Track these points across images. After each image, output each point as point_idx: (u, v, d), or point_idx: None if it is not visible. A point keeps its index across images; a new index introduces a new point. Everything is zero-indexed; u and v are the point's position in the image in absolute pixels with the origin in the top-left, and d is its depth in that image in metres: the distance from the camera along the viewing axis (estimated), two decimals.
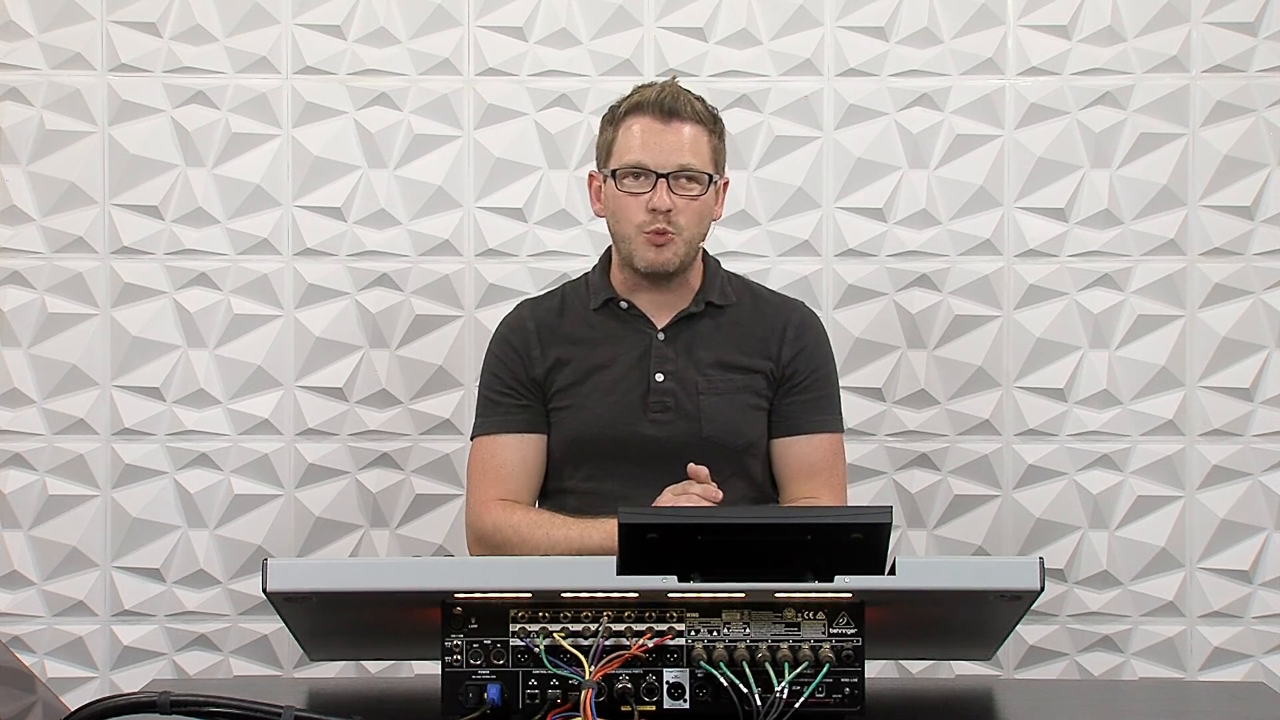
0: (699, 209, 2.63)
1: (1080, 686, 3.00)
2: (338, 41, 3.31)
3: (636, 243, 2.62)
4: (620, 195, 2.62)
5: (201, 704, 1.65)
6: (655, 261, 2.62)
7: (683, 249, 2.63)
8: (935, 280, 3.31)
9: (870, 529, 1.78)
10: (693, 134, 2.62)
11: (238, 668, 3.30)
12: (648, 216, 2.60)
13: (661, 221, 2.59)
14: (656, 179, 2.59)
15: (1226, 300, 3.29)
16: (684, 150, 2.60)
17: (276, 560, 1.80)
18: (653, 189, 2.59)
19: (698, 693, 1.81)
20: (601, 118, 2.72)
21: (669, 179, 2.59)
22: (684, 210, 2.60)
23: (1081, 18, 3.30)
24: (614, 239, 2.69)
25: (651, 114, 2.61)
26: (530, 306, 2.78)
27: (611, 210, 2.66)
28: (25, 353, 3.28)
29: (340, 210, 3.30)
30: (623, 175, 2.61)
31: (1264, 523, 3.30)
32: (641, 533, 1.78)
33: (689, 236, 2.63)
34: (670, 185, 2.59)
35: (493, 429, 2.70)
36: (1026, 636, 3.30)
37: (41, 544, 3.28)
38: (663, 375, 2.66)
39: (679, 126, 2.61)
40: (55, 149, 3.28)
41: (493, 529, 2.64)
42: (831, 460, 2.71)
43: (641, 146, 2.61)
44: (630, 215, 2.61)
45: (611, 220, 2.67)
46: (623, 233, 2.64)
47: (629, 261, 2.65)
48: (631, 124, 2.63)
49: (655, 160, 2.59)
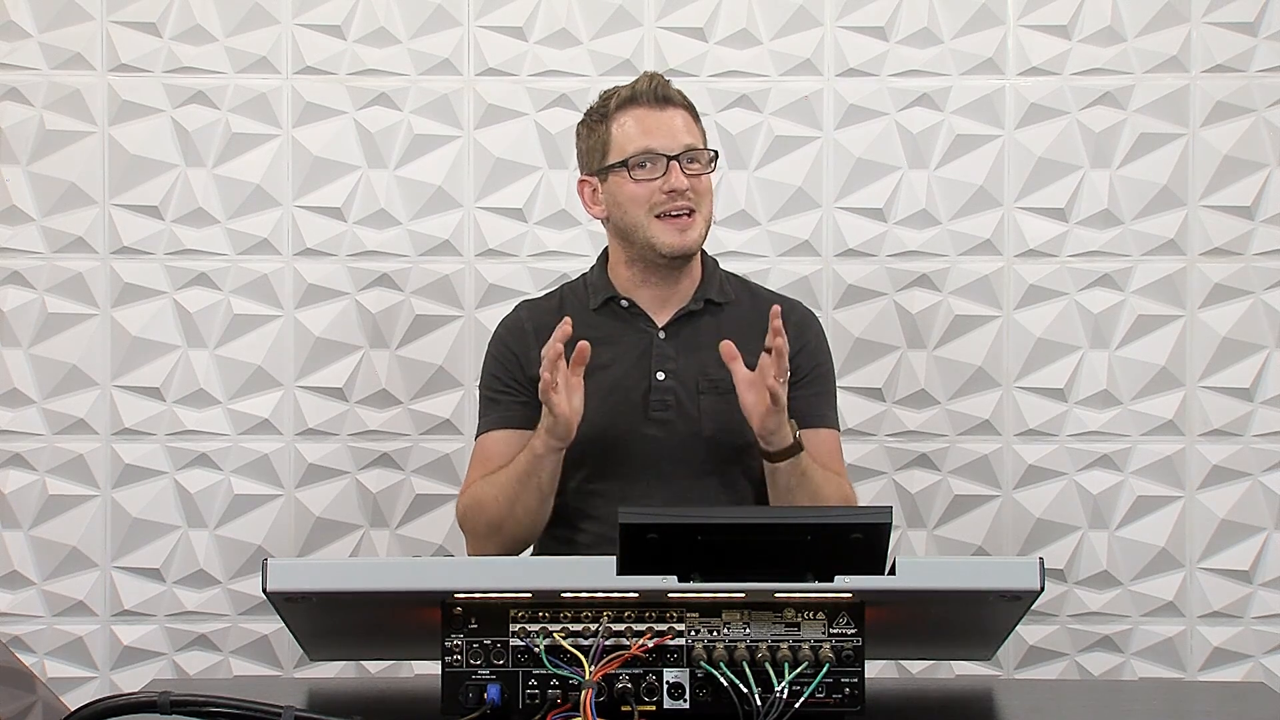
0: (709, 186, 2.66)
1: (1080, 686, 3.00)
2: (338, 41, 3.31)
3: (654, 229, 2.61)
4: (630, 185, 2.62)
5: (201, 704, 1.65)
6: (680, 244, 2.62)
7: (703, 227, 2.64)
8: (935, 280, 3.31)
9: (870, 529, 1.78)
10: (686, 117, 2.66)
11: (238, 668, 3.30)
12: (663, 198, 2.60)
13: (682, 202, 2.61)
14: (668, 162, 2.60)
15: (1226, 300, 3.29)
16: (684, 131, 2.63)
17: (276, 560, 1.80)
18: (664, 173, 2.60)
19: (698, 693, 1.81)
20: (581, 124, 2.72)
21: (679, 159, 2.61)
22: (697, 188, 2.62)
23: (1081, 18, 3.30)
24: (626, 232, 2.66)
25: (646, 103, 2.64)
26: (528, 308, 2.78)
27: (619, 203, 2.64)
28: (25, 353, 3.28)
29: (340, 210, 3.30)
30: (634, 164, 2.61)
31: (1264, 523, 3.30)
32: (641, 533, 1.78)
33: (706, 214, 2.65)
34: (681, 165, 2.61)
35: (492, 425, 2.69)
36: (1026, 636, 3.30)
37: (41, 544, 3.28)
38: (664, 374, 2.65)
39: (674, 110, 2.64)
40: (55, 149, 3.28)
41: (463, 510, 2.65)
42: (832, 454, 2.69)
43: (644, 133, 2.62)
44: (642, 202, 2.61)
45: (620, 214, 2.65)
46: (636, 222, 2.63)
47: (647, 251, 2.64)
48: (626, 116, 2.64)
49: (663, 144, 2.61)
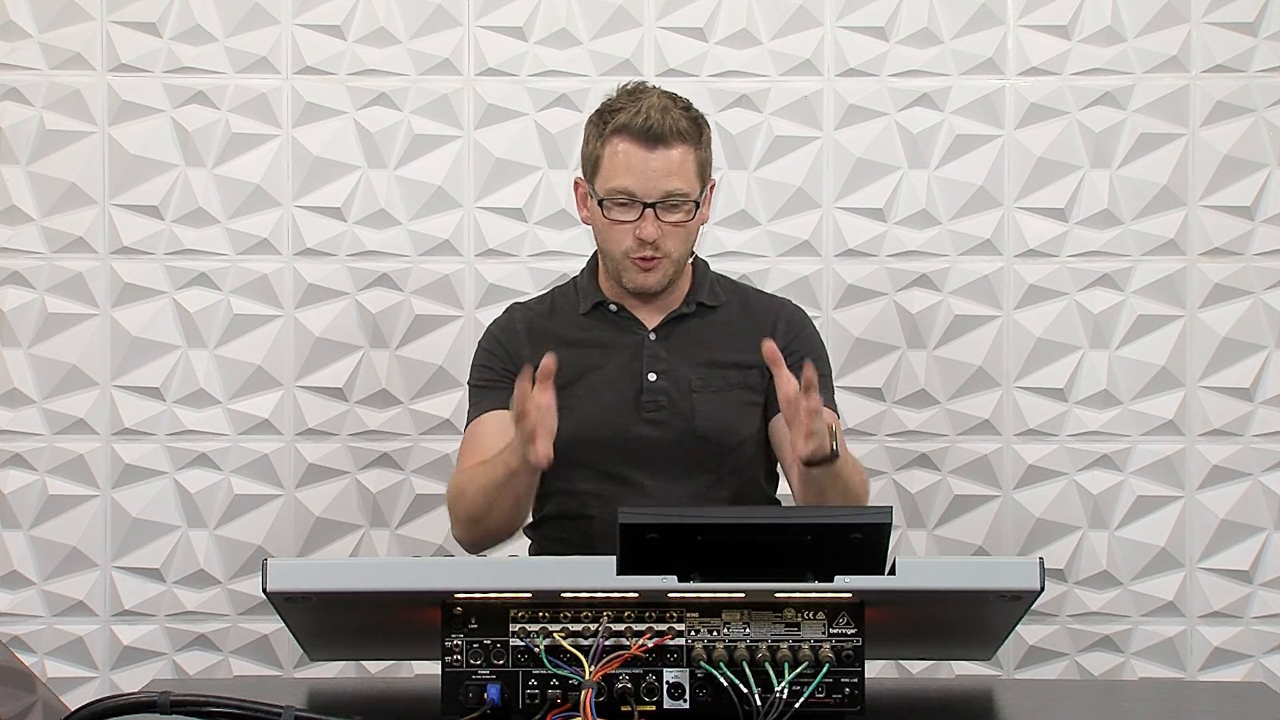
0: (686, 232, 2.59)
1: (1080, 686, 3.00)
2: (338, 41, 3.30)
3: (624, 264, 2.59)
4: (604, 220, 2.58)
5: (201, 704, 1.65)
6: (643, 285, 2.60)
7: (671, 269, 2.60)
8: (935, 280, 3.30)
9: (870, 529, 1.78)
10: (678, 156, 2.55)
11: (238, 668, 3.30)
12: (634, 243, 2.56)
13: (649, 250, 2.56)
14: (643, 208, 2.54)
15: (1226, 300, 3.29)
16: (670, 175, 2.54)
17: (276, 560, 1.80)
18: (639, 217, 2.54)
19: (698, 693, 1.81)
20: (588, 120, 2.65)
21: (655, 207, 2.54)
22: (671, 235, 2.56)
23: (1081, 18, 3.30)
24: (601, 256, 2.66)
25: (635, 139, 2.54)
26: (520, 309, 2.76)
27: (596, 228, 2.62)
28: (25, 353, 3.28)
29: (340, 210, 3.30)
30: (609, 205, 2.56)
31: (1264, 523, 3.30)
32: (641, 533, 1.78)
33: (677, 257, 2.60)
34: (657, 213, 2.54)
35: (479, 412, 2.66)
36: (1026, 636, 3.30)
37: (41, 544, 3.28)
38: (655, 374, 2.64)
39: (662, 151, 2.54)
40: (55, 149, 3.28)
41: (449, 493, 2.61)
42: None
43: (626, 172, 2.54)
44: (617, 241, 2.57)
45: (597, 236, 2.64)
46: (610, 254, 2.61)
47: (617, 281, 2.64)
48: (616, 146, 2.56)
49: (641, 188, 2.54)
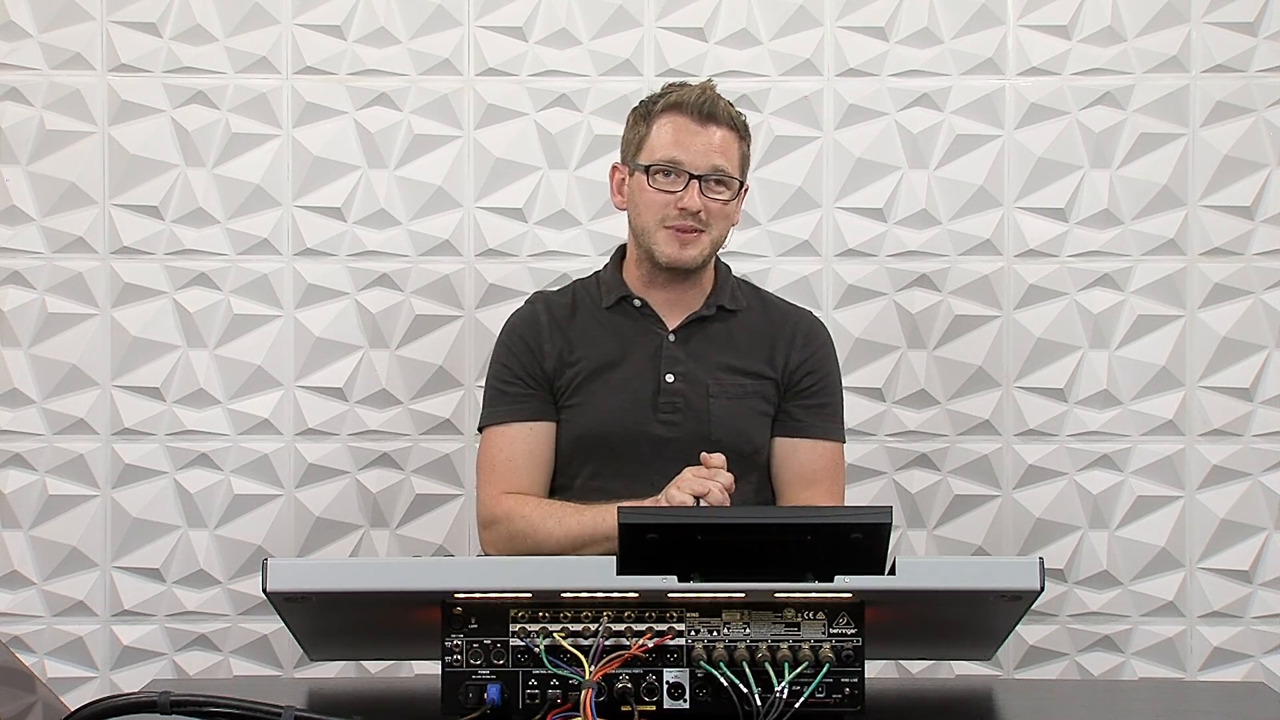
0: (726, 212, 2.65)
1: (1080, 686, 3.00)
2: (338, 41, 3.30)
3: (658, 236, 2.63)
4: (648, 190, 2.63)
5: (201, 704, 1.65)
6: (678, 257, 2.63)
7: (707, 248, 2.65)
8: (935, 280, 3.30)
9: (870, 529, 1.78)
10: (726, 138, 2.63)
11: (238, 668, 3.30)
12: (674, 213, 2.61)
13: (691, 220, 2.61)
14: (689, 179, 2.60)
15: (1226, 300, 3.29)
16: (717, 153, 2.62)
17: (276, 560, 1.80)
18: (684, 188, 2.60)
19: (698, 693, 1.81)
20: (633, 111, 2.72)
21: (701, 180, 2.60)
22: (712, 212, 2.62)
23: (1081, 18, 3.30)
24: (634, 232, 2.69)
25: (689, 114, 2.62)
26: (544, 300, 2.78)
27: (636, 203, 2.66)
28: (25, 353, 3.28)
29: (340, 210, 3.30)
30: (655, 171, 2.62)
31: (1264, 523, 3.30)
32: (641, 533, 1.78)
33: (714, 236, 2.65)
34: (701, 187, 2.60)
35: (501, 418, 2.69)
36: (1026, 636, 3.30)
37: (41, 544, 3.28)
38: (673, 376, 2.65)
39: (714, 129, 2.63)
40: (55, 149, 3.28)
41: (505, 519, 2.62)
42: (833, 469, 2.71)
43: (676, 144, 2.62)
44: (655, 210, 2.62)
45: (633, 213, 2.67)
46: (644, 226, 2.65)
47: (649, 256, 2.66)
48: (666, 121, 2.64)
49: (690, 160, 2.61)
